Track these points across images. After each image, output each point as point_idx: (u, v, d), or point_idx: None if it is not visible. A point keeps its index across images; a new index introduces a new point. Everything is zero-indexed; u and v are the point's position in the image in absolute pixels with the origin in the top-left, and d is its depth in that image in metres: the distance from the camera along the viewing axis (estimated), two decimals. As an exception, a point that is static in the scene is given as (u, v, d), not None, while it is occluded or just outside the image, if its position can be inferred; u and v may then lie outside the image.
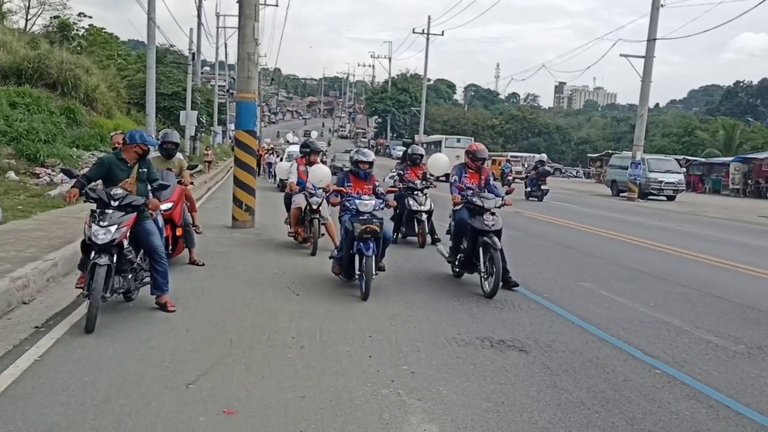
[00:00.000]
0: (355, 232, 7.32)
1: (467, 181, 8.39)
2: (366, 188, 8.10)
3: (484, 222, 7.65)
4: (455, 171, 8.43)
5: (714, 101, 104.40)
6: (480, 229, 7.65)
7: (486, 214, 7.73)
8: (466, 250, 8.01)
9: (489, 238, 7.56)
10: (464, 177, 8.42)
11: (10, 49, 22.20)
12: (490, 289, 7.47)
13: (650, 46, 28.68)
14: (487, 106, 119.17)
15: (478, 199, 7.88)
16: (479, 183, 8.41)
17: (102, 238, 5.63)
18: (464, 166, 8.53)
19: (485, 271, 7.65)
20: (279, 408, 4.14)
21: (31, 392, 4.20)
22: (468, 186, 8.32)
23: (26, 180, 15.21)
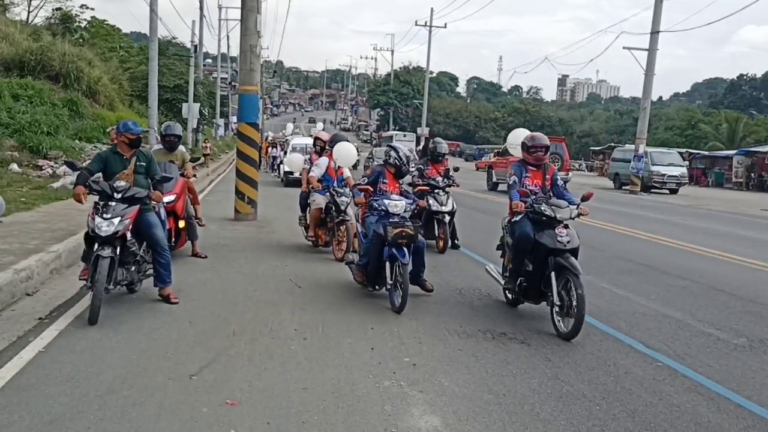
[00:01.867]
0: (388, 237, 6.45)
1: (528, 183, 6.63)
2: (397, 188, 7.26)
3: (556, 238, 6.00)
4: (513, 170, 6.73)
5: (717, 94, 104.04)
6: (551, 247, 6.00)
7: (558, 228, 6.08)
8: (531, 273, 6.28)
9: (564, 259, 5.92)
10: (525, 177, 6.67)
11: (13, 41, 22.18)
12: (570, 330, 5.72)
13: (653, 39, 28.59)
14: (490, 99, 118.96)
15: (548, 208, 6.21)
16: (543, 185, 6.65)
17: (105, 230, 5.65)
18: (523, 163, 6.80)
19: (559, 304, 5.91)
20: (281, 399, 4.16)
21: (35, 383, 4.23)
22: (530, 189, 6.58)
23: (29, 172, 15.22)
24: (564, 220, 6.19)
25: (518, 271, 6.44)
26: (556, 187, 6.68)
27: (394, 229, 6.46)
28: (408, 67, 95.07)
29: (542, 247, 6.10)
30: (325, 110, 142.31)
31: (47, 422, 3.66)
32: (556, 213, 6.17)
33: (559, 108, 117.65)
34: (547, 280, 6.09)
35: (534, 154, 6.68)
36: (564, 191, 6.62)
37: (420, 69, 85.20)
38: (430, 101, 65.67)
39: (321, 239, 9.86)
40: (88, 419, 3.73)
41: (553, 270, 6.01)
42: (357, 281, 7.20)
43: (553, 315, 6.01)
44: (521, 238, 6.29)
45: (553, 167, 6.92)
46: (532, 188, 6.60)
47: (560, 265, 5.95)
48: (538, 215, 6.24)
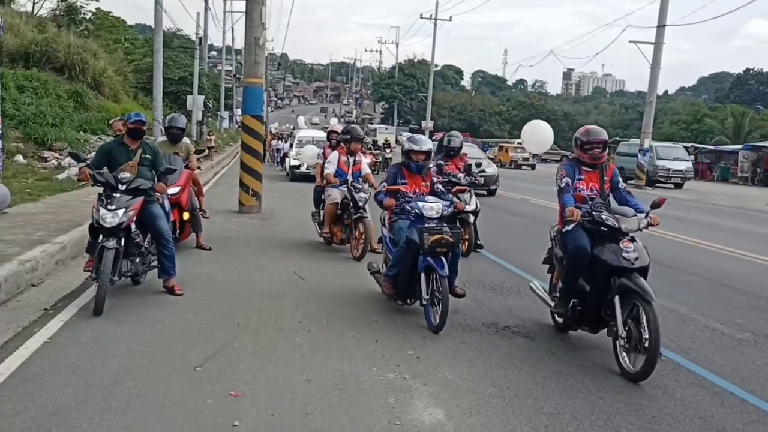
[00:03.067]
0: (425, 245, 5.61)
1: (582, 186, 5.54)
2: (423, 186, 6.45)
3: (621, 254, 4.95)
4: (564, 171, 5.58)
5: (723, 88, 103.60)
6: (615, 265, 4.96)
7: (623, 241, 5.02)
8: (587, 296, 5.26)
9: (631, 280, 4.85)
10: (578, 179, 5.56)
11: (18, 32, 22.17)
12: (639, 369, 4.67)
13: (660, 33, 28.44)
14: (495, 93, 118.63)
15: (610, 217, 5.15)
16: (601, 188, 5.56)
17: (110, 222, 5.67)
18: (576, 162, 5.67)
19: (625, 336, 4.83)
20: (285, 391, 4.17)
21: (40, 373, 4.24)
22: (587, 194, 5.52)
23: (34, 163, 15.26)
24: (630, 232, 5.11)
25: (571, 291, 5.38)
26: (617, 190, 5.63)
27: (431, 236, 5.62)
28: (413, 60, 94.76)
29: (603, 265, 5.04)
30: (329, 103, 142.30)
31: (52, 412, 3.68)
32: (620, 223, 5.10)
33: (564, 102, 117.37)
34: (609, 304, 5.03)
35: (589, 152, 5.51)
36: (628, 195, 5.59)
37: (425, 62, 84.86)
38: (434, 94, 65.54)
39: (336, 236, 9.39)
40: (93, 410, 3.74)
41: (617, 293, 4.93)
42: (385, 294, 6.31)
43: (617, 349, 4.93)
44: (576, 252, 5.23)
45: (613, 166, 5.80)
46: (588, 193, 5.53)
47: (626, 287, 4.86)
48: (598, 225, 5.19)
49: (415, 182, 6.45)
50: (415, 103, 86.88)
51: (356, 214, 8.85)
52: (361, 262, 8.39)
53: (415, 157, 6.40)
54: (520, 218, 13.64)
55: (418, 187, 6.43)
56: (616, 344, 4.96)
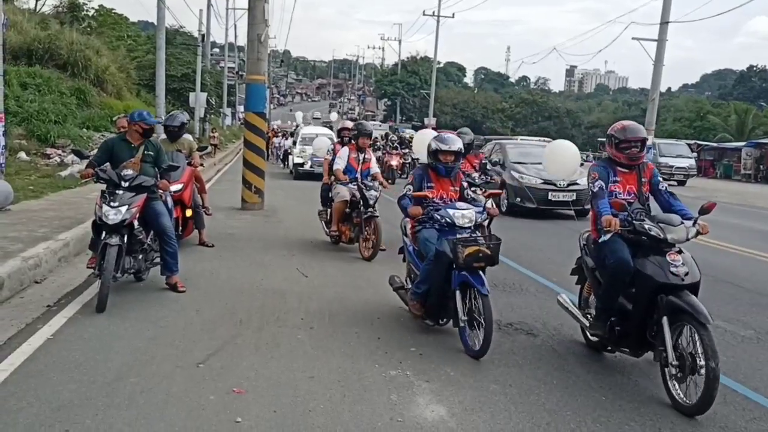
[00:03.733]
0: (459, 259, 4.93)
1: (618, 190, 4.92)
2: (451, 191, 5.74)
3: (669, 269, 4.34)
4: (597, 173, 4.91)
5: (727, 85, 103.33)
6: (662, 282, 4.34)
7: (670, 254, 4.42)
8: (629, 315, 4.63)
9: (681, 298, 4.26)
10: (613, 181, 4.94)
11: (21, 29, 22.19)
12: (695, 402, 4.10)
13: (663, 30, 28.39)
14: (497, 90, 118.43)
15: (653, 226, 4.53)
16: (639, 191, 4.95)
17: (113, 219, 5.68)
18: (610, 162, 5.04)
19: (677, 363, 4.21)
20: (288, 388, 4.18)
21: (43, 369, 4.25)
22: (624, 198, 4.88)
23: (37, 160, 15.28)
24: (678, 243, 4.50)
25: (609, 309, 4.75)
26: (658, 193, 4.97)
27: (466, 249, 4.92)
28: (415, 57, 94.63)
29: (647, 281, 4.43)
30: (332, 100, 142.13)
31: (56, 408, 3.69)
32: (666, 233, 4.48)
33: (567, 99, 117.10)
34: (656, 326, 4.45)
35: (626, 151, 4.87)
36: (671, 198, 4.90)
37: (427, 59, 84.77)
38: (437, 91, 65.38)
39: (345, 235, 9.07)
40: (96, 406, 3.75)
41: (665, 313, 4.32)
42: (413, 314, 5.61)
43: (666, 377, 4.32)
44: (617, 266, 4.58)
45: (651, 166, 5.10)
46: (625, 197, 4.90)
47: (676, 306, 4.25)
48: (639, 235, 4.59)
49: (443, 186, 5.72)
50: (417, 100, 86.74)
51: (366, 213, 8.60)
52: (371, 262, 8.37)
53: (444, 158, 5.62)
54: (522, 215, 13.63)
55: (446, 192, 5.70)
56: (665, 372, 4.34)
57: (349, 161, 9.02)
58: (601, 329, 4.83)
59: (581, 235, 5.41)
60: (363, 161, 9.10)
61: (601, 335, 4.91)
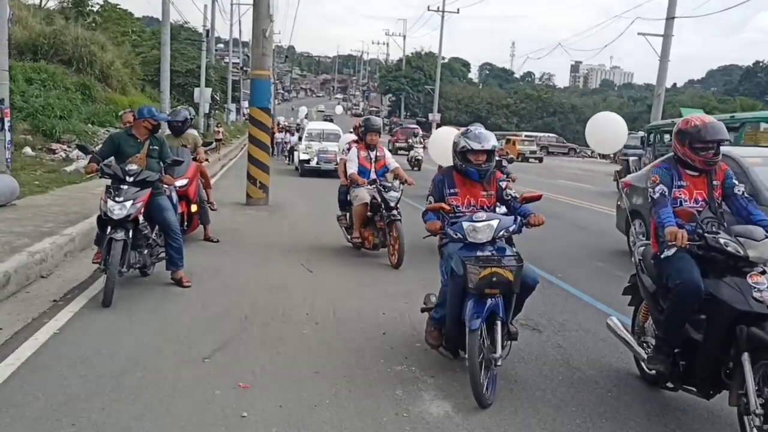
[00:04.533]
0: (470, 282, 4.08)
1: (683, 196, 4.17)
2: (482, 196, 4.71)
3: (751, 293, 3.59)
4: (658, 176, 4.15)
5: (733, 81, 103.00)
6: (741, 309, 3.59)
7: (752, 275, 3.67)
8: (698, 347, 3.84)
9: (766, 331, 3.48)
10: (678, 186, 4.18)
11: (26, 24, 22.24)
12: None
13: (669, 25, 28.24)
14: (502, 85, 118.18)
15: (730, 240, 3.81)
16: (709, 197, 4.18)
17: (118, 214, 5.69)
18: (675, 164, 4.25)
19: (763, 413, 3.38)
20: (293, 383, 4.18)
21: (50, 364, 4.27)
22: (691, 206, 4.13)
23: (42, 156, 15.32)
24: (761, 261, 3.80)
25: (673, 340, 3.98)
26: (733, 198, 4.15)
27: (480, 270, 4.06)
28: (420, 52, 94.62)
29: (723, 308, 3.66)
30: (337, 94, 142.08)
31: (62, 403, 3.70)
32: (746, 250, 3.75)
33: (572, 94, 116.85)
34: (733, 362, 3.64)
35: (702, 153, 4.07)
36: (750, 205, 4.09)
37: (432, 54, 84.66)
38: (442, 87, 65.39)
39: (368, 241, 8.30)
40: (102, 400, 3.76)
41: (746, 349, 3.50)
42: (430, 345, 4.75)
43: (746, 427, 3.51)
44: (684, 288, 3.79)
45: (724, 166, 4.25)
46: (692, 204, 4.13)
47: (760, 340, 3.46)
48: (712, 251, 3.84)
49: (472, 192, 4.71)
50: (422, 95, 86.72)
51: (389, 216, 7.93)
52: (378, 260, 8.11)
53: (474, 159, 4.59)
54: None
55: (475, 198, 4.70)
56: (744, 421, 3.52)
57: (359, 161, 8.41)
58: (662, 363, 4.00)
59: (636, 248, 4.65)
60: (375, 159, 8.49)
61: (662, 371, 4.05)
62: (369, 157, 8.43)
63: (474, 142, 4.57)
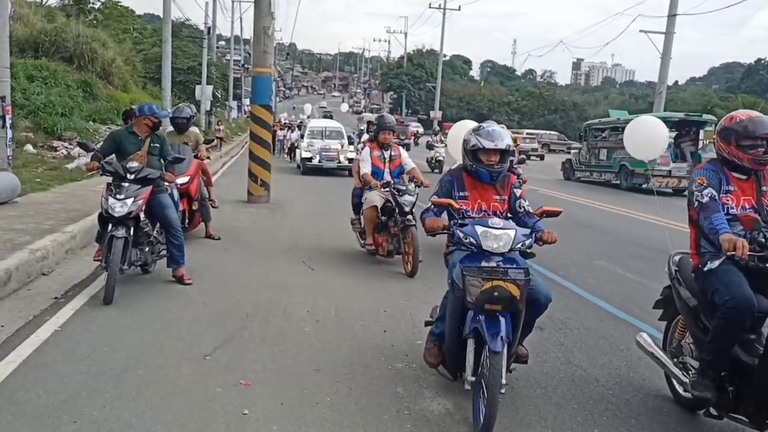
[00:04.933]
0: (469, 295, 3.62)
1: (731, 202, 3.82)
2: (495, 201, 4.28)
3: None
4: (705, 178, 3.80)
5: (734, 79, 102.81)
6: None
7: None
8: (753, 372, 3.37)
9: None
10: (725, 192, 3.82)
11: (27, 22, 22.21)
12: None
13: (670, 22, 28.21)
14: (503, 83, 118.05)
15: None
16: (757, 203, 3.83)
17: (119, 211, 5.70)
18: (721, 165, 3.90)
19: None
20: (294, 380, 4.19)
21: (51, 361, 4.27)
22: (734, 213, 3.78)
23: (44, 153, 15.32)
24: None
25: (721, 362, 3.54)
26: None
27: (482, 284, 3.58)
28: (421, 50, 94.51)
29: None
30: (336, 92, 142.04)
31: (63, 400, 3.70)
32: None
33: (573, 92, 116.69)
34: None
35: (750, 151, 3.70)
36: None
37: (433, 52, 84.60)
38: (443, 84, 65.37)
39: (382, 248, 7.80)
40: (104, 397, 3.76)
41: None
42: (428, 362, 4.32)
43: None
44: (735, 306, 3.39)
45: None
46: (739, 212, 3.78)
47: None
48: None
49: (483, 196, 4.27)
50: (423, 93, 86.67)
51: (403, 221, 7.42)
52: (413, 278, 7.19)
53: (486, 159, 4.15)
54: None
55: (487, 203, 4.26)
56: None
57: (372, 162, 7.88)
58: (708, 389, 3.55)
59: (671, 257, 4.30)
60: (390, 159, 7.93)
61: (708, 398, 3.59)
62: (383, 157, 7.90)
63: (486, 140, 4.11)
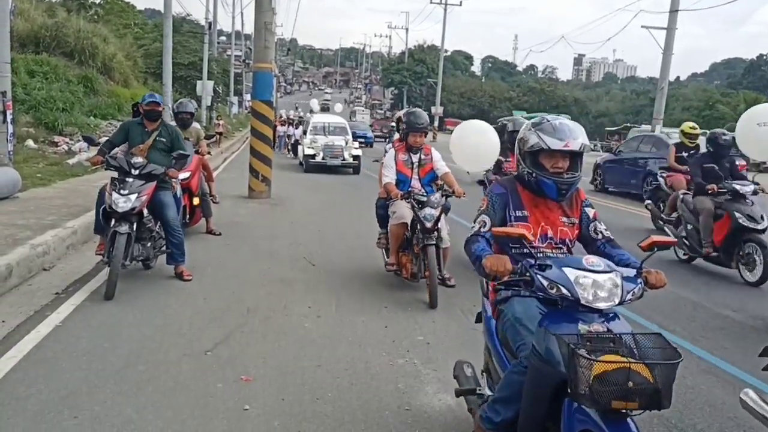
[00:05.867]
0: (580, 383, 2.23)
1: None
2: (562, 226, 3.11)
3: None
4: None
5: (736, 75, 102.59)
6: None
7: None
8: None
9: None
10: None
11: (28, 17, 22.19)
12: None
13: (672, 18, 28.13)
14: (505, 78, 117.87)
15: None
16: None
17: (122, 207, 5.70)
18: None
19: None
20: (295, 376, 4.18)
21: (52, 357, 4.27)
22: None
23: (45, 148, 15.32)
24: None
25: None
26: None
27: (597, 362, 2.21)
28: (422, 45, 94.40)
29: None
30: (338, 88, 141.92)
31: (64, 396, 3.70)
32: None
33: (574, 88, 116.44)
34: None
35: None
36: None
37: (434, 47, 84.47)
38: (444, 80, 65.22)
39: (406, 269, 6.46)
40: (105, 393, 3.76)
41: None
42: None
43: None
44: None
45: None
46: None
47: None
48: None
49: (547, 217, 3.09)
50: (424, 88, 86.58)
51: (423, 239, 6.13)
52: (435, 309, 5.87)
53: (552, 165, 3.00)
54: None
55: (553, 227, 3.08)
56: None
57: (397, 167, 6.58)
58: None
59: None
60: (419, 164, 6.62)
61: None
62: (410, 162, 6.59)
63: (552, 139, 2.94)
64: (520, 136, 3.15)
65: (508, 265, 2.69)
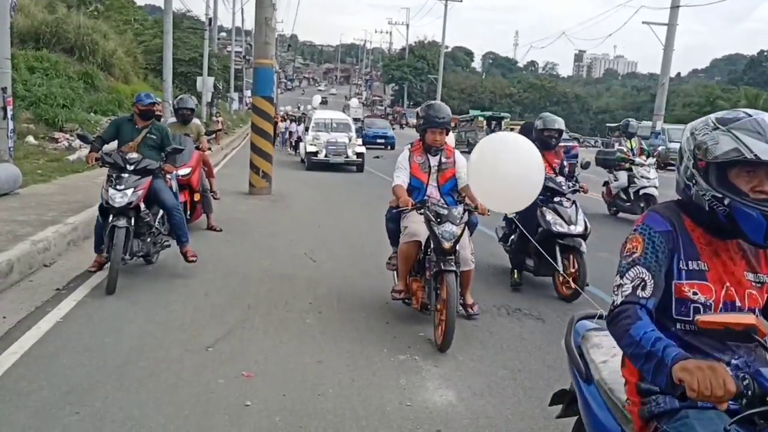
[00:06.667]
0: None
1: None
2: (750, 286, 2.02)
3: None
4: None
5: (737, 71, 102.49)
6: None
7: None
8: None
9: None
10: None
11: (28, 13, 22.14)
12: None
13: (673, 14, 28.12)
14: (505, 75, 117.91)
15: None
16: None
17: (119, 202, 5.71)
18: None
19: None
20: (297, 372, 4.18)
21: (53, 353, 4.27)
22: None
23: (45, 144, 15.30)
24: None
25: None
26: None
27: None
28: (423, 41, 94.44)
29: None
30: (339, 85, 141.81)
31: (65, 392, 3.70)
32: None
33: (575, 84, 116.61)
34: None
35: None
36: None
37: (435, 44, 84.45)
38: (445, 76, 65.14)
39: (416, 298, 5.29)
40: (106, 389, 3.76)
41: None
42: None
43: None
44: None
45: None
46: None
47: None
48: None
49: (729, 271, 2.04)
50: (425, 84, 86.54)
51: (438, 263, 4.89)
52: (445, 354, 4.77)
53: (754, 188, 1.92)
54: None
55: (737, 287, 2.03)
56: None
57: (411, 171, 5.41)
58: None
59: None
60: (439, 169, 5.43)
61: None
62: (426, 165, 5.40)
63: (764, 144, 1.87)
64: (699, 138, 2.02)
65: (731, 386, 1.57)
